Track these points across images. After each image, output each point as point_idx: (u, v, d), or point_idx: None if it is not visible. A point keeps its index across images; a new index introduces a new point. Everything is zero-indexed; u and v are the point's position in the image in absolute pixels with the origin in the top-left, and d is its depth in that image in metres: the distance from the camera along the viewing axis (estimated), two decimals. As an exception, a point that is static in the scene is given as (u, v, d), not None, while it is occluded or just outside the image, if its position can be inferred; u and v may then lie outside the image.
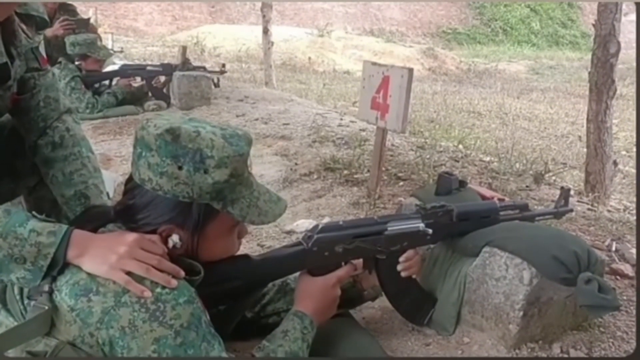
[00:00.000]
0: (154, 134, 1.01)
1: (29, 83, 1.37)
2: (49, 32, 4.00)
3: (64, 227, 1.01)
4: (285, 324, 1.19)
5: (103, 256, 0.98)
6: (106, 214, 1.13)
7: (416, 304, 1.46)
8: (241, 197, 1.08)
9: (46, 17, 1.38)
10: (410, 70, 2.20)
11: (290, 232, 2.18)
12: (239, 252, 1.22)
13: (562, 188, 1.65)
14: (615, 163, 3.29)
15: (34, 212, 1.03)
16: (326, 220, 2.24)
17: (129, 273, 0.97)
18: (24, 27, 1.29)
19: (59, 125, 1.41)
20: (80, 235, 1.02)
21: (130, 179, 1.10)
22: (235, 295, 1.21)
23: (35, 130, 1.39)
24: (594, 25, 3.16)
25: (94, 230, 1.08)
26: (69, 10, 4.34)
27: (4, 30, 1.20)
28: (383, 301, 1.49)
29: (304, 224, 2.21)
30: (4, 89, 1.26)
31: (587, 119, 3.27)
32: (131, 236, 1.02)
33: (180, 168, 1.01)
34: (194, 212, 1.05)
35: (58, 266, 0.99)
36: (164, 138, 1.00)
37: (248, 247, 2.00)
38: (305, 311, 1.22)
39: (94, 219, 1.11)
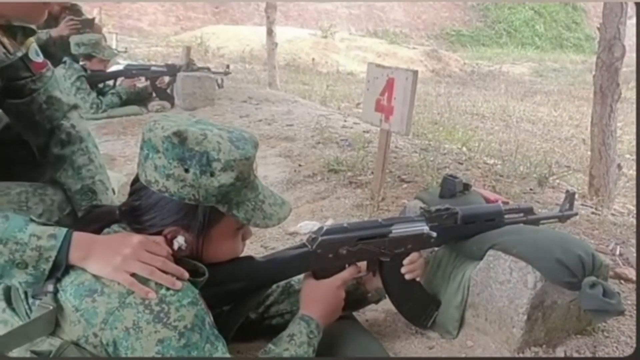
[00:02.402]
0: (161, 136, 1.01)
1: (24, 89, 1.35)
2: (54, 32, 4.02)
3: (64, 229, 1.01)
4: (292, 327, 1.20)
5: (108, 258, 0.98)
6: (111, 214, 1.13)
7: (420, 306, 1.45)
8: (246, 200, 1.08)
9: (32, 26, 1.33)
10: (415, 73, 2.20)
11: (293, 234, 2.18)
12: (243, 254, 1.22)
13: (567, 191, 1.65)
14: (619, 166, 3.28)
15: (31, 216, 1.03)
16: (330, 221, 2.24)
17: (133, 275, 0.97)
18: (5, 40, 1.25)
19: (64, 123, 1.41)
20: (82, 237, 1.02)
21: (136, 180, 1.10)
22: (239, 297, 1.21)
23: (42, 132, 1.39)
24: (598, 28, 3.15)
25: (99, 230, 1.08)
26: (75, 10, 4.36)
27: None
28: (386, 304, 1.48)
29: (307, 226, 2.21)
30: None
31: (592, 123, 3.26)
32: (136, 238, 1.02)
33: (186, 170, 1.01)
34: (200, 215, 1.06)
35: (61, 269, 0.99)
36: (171, 140, 1.01)
37: (252, 248, 2.00)
38: (311, 315, 1.22)
39: (99, 219, 1.11)
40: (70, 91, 3.79)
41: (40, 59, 1.37)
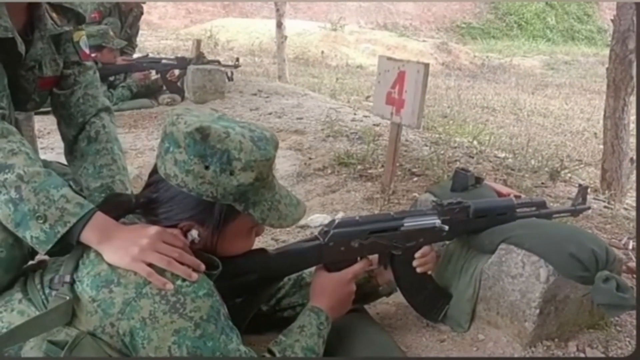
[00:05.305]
0: (184, 132, 1.02)
1: (69, 79, 1.44)
2: None
3: (92, 205, 1.05)
4: (302, 319, 1.20)
5: (125, 248, 0.99)
6: (127, 204, 1.14)
7: (431, 300, 1.46)
8: (263, 200, 1.09)
9: (82, 12, 1.43)
10: (427, 66, 2.19)
11: (304, 227, 2.19)
12: (254, 246, 1.23)
13: (579, 185, 1.64)
14: (632, 160, 3.25)
15: (70, 182, 1.07)
16: (340, 215, 2.24)
17: (150, 265, 0.98)
18: (54, 15, 1.35)
19: (96, 122, 1.46)
20: (103, 220, 1.04)
21: (154, 172, 1.11)
22: (252, 289, 1.22)
23: (74, 125, 1.45)
24: (612, 20, 3.12)
25: (115, 219, 1.09)
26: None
27: (31, 14, 1.29)
28: (398, 297, 1.49)
29: (318, 219, 2.22)
30: (25, 69, 1.30)
31: (604, 116, 3.23)
32: (153, 229, 1.04)
33: (206, 168, 1.02)
34: (216, 212, 1.06)
35: (72, 240, 1.01)
36: (193, 137, 1.01)
37: (262, 240, 2.00)
38: (321, 307, 1.23)
39: (115, 208, 1.12)
40: None
41: (87, 50, 1.47)
